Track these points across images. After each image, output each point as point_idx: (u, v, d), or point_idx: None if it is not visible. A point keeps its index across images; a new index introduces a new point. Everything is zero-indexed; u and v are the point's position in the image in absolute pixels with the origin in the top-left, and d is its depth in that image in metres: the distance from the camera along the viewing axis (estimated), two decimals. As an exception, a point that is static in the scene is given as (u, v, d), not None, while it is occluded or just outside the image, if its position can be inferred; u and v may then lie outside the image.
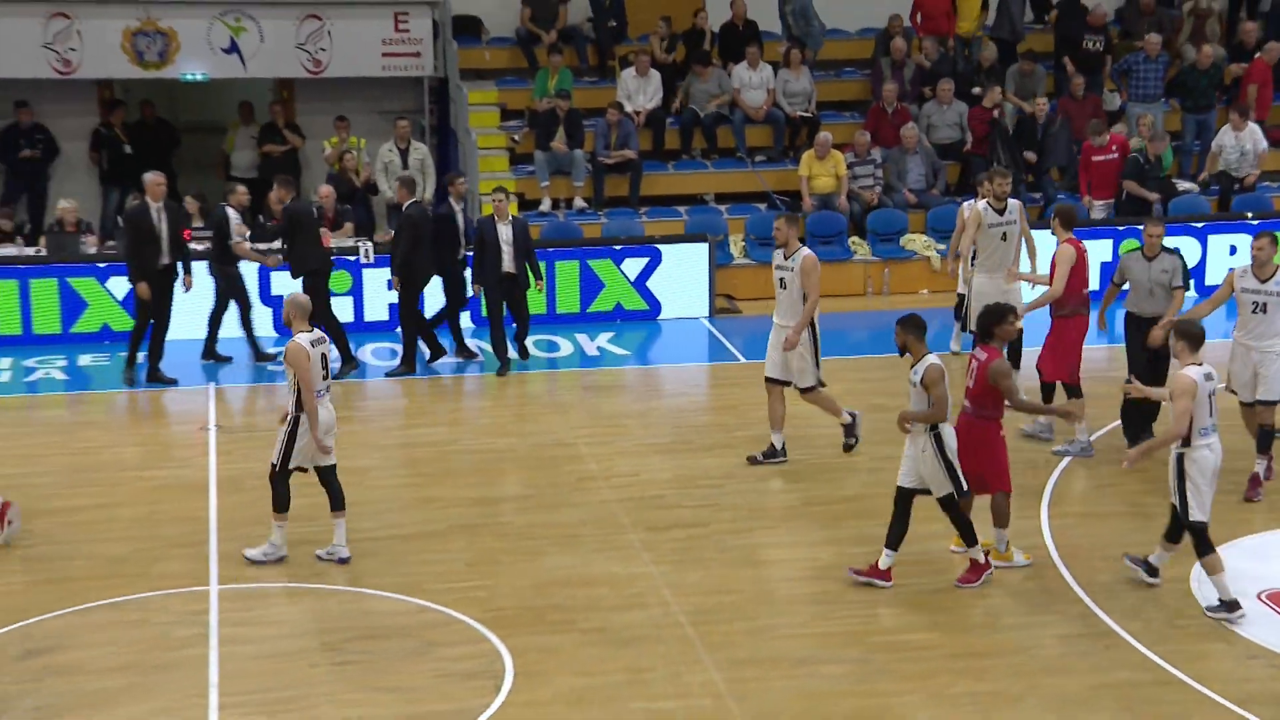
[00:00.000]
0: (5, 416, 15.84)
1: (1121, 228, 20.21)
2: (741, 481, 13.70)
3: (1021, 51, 22.61)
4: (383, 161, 20.43)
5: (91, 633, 10.84)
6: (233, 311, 17.34)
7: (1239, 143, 21.17)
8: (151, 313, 16.47)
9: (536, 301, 18.63)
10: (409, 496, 13.33)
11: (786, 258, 13.81)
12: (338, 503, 11.98)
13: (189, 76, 21.62)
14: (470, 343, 17.62)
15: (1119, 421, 13.95)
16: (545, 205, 20.87)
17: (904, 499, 11.43)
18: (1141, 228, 14.57)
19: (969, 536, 11.40)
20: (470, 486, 13.67)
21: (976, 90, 21.85)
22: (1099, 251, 19.88)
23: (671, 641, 10.67)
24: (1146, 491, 12.61)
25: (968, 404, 11.57)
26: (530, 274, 16.90)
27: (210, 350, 17.43)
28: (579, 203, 21.11)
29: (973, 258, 16.00)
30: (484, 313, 17.28)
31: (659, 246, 19.46)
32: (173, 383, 16.63)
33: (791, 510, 13.07)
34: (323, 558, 12.03)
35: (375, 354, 17.73)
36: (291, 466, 11.87)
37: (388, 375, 16.99)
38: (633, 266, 19.28)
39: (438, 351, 17.27)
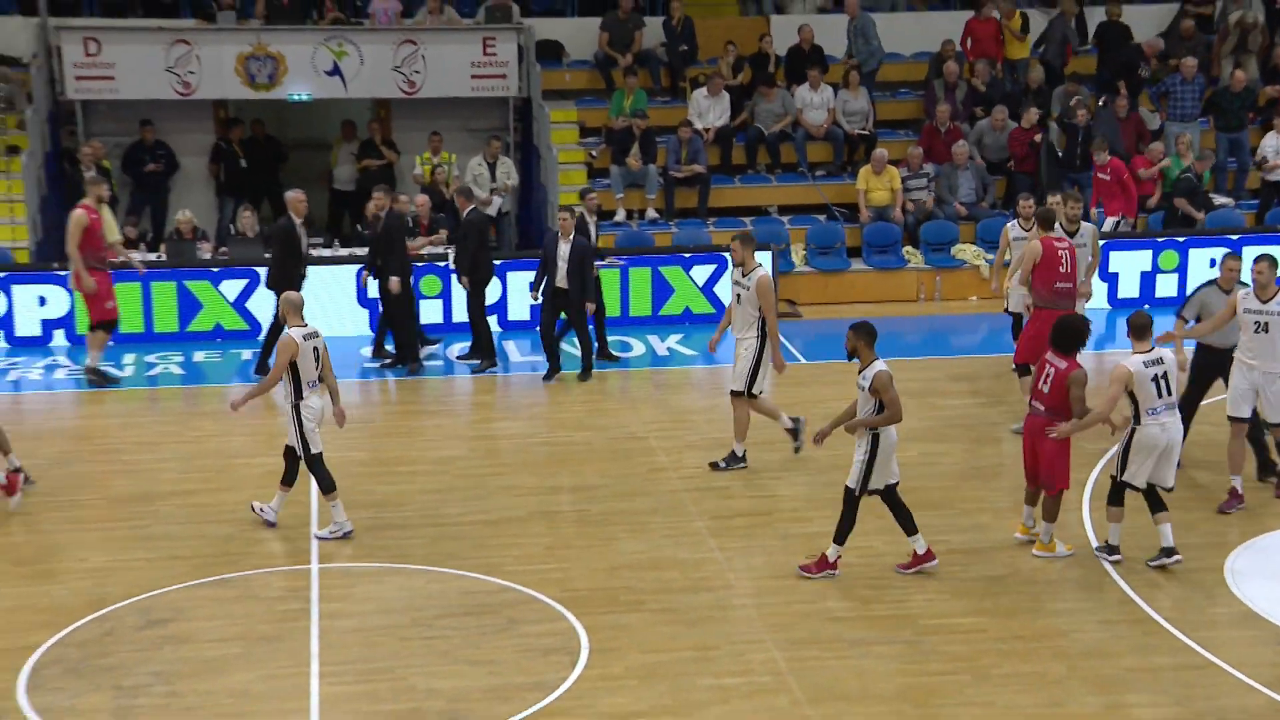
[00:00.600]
0: (128, 407, 16.07)
1: (1161, 239, 20.01)
2: (801, 474, 13.64)
3: (1067, 74, 22.37)
4: (472, 174, 20.54)
5: (204, 606, 10.97)
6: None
7: None
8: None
9: (612, 305, 18.70)
10: (492, 484, 13.37)
11: (744, 275, 13.53)
12: (288, 477, 12.27)
13: (295, 97, 21.76)
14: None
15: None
16: (620, 216, 20.87)
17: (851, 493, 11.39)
18: (1189, 247, 14.70)
19: (840, 536, 11.28)
20: (549, 476, 13.70)
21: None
22: (1139, 262, 19.75)
23: (735, 622, 10.68)
24: (1183, 487, 12.42)
25: (1041, 406, 11.48)
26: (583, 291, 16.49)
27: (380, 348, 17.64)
28: (651, 213, 21.10)
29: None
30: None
31: (725, 255, 19.39)
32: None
33: (848, 501, 12.99)
34: (327, 537, 12.16)
35: (461, 352, 17.75)
36: (315, 451, 12.04)
37: (474, 372, 17.01)
38: (701, 273, 19.25)
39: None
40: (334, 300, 18.38)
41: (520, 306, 18.53)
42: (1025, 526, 11.93)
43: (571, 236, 16.33)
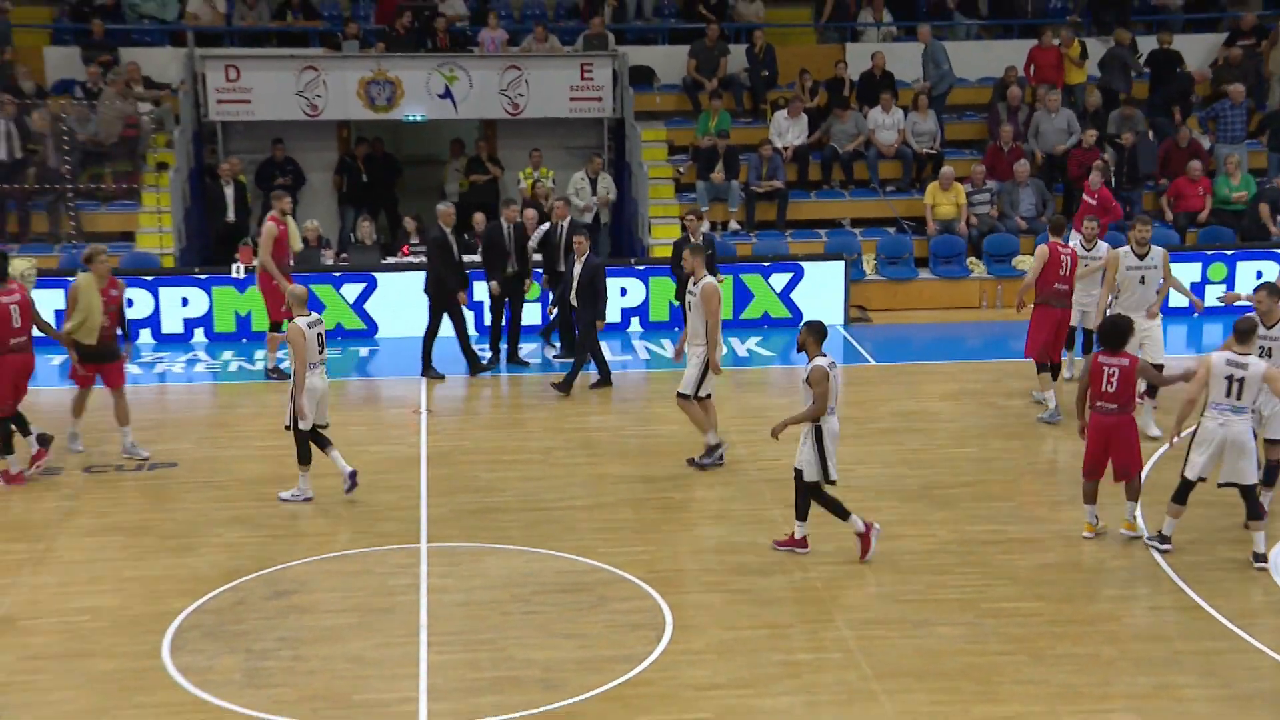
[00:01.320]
0: (259, 399, 16.22)
1: (1210, 252, 19.67)
2: (870, 466, 13.53)
3: (1123, 99, 22.04)
4: (574, 188, 20.63)
5: (325, 579, 11.08)
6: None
7: None
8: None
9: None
10: (585, 473, 13.40)
11: (694, 284, 13.35)
12: (322, 445, 12.73)
13: (410, 118, 21.96)
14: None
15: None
16: (705, 227, 20.76)
17: (798, 478, 11.35)
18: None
19: (841, 513, 11.29)
20: (637, 466, 13.69)
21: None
22: (1189, 273, 19.39)
23: (807, 603, 10.63)
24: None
25: (1112, 405, 11.33)
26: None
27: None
28: (733, 225, 21.04)
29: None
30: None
31: (801, 264, 19.33)
32: (525, 365, 17.21)
33: (913, 492, 12.89)
34: (288, 499, 12.62)
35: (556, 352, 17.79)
36: (305, 426, 12.44)
37: (592, 387, 16.44)
38: (778, 281, 19.17)
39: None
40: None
41: (611, 309, 18.49)
42: (1091, 524, 11.71)
43: (585, 257, 15.91)
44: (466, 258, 17.41)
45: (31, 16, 22.90)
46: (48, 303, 15.79)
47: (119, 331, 13.75)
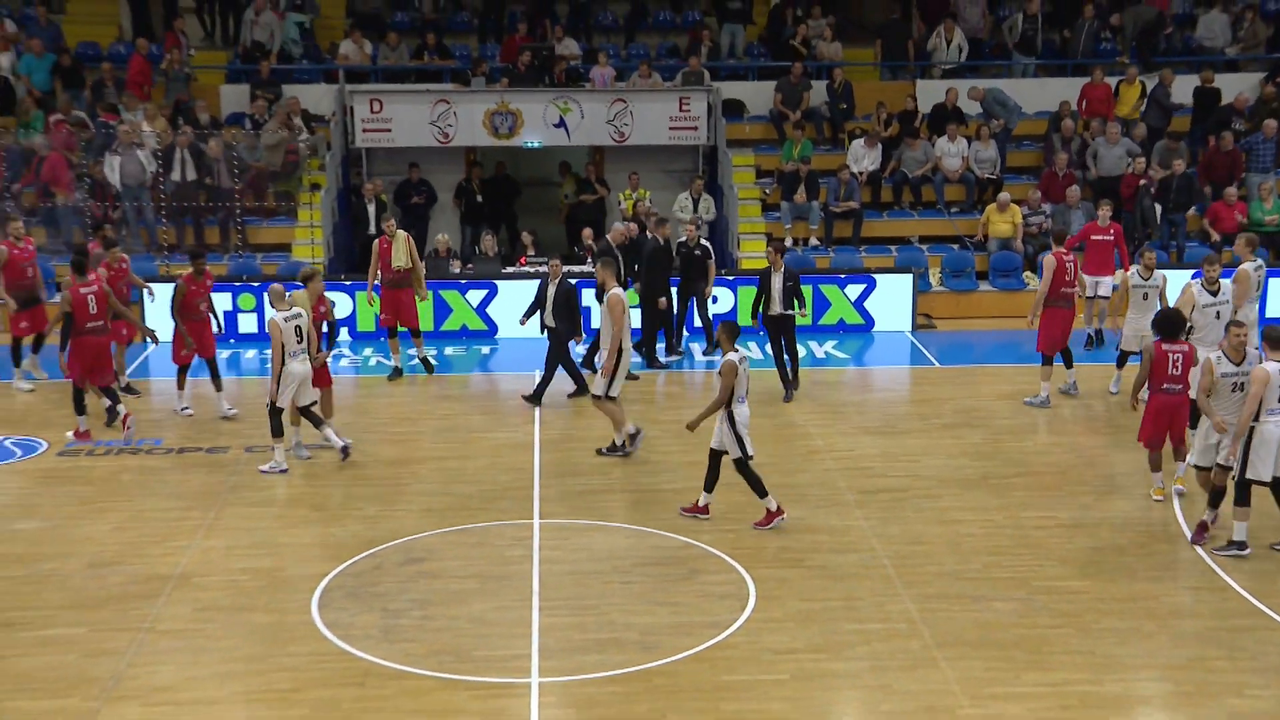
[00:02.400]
0: (393, 389, 16.37)
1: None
2: (934, 457, 13.39)
3: (1168, 131, 21.58)
4: (679, 206, 20.62)
5: (450, 549, 11.17)
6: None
7: None
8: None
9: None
10: (679, 460, 13.37)
11: (603, 294, 13.27)
12: (315, 423, 13.17)
13: (529, 144, 22.05)
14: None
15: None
16: (788, 243, 20.72)
17: (713, 456, 11.56)
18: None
19: (760, 491, 11.46)
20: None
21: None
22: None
23: (876, 578, 10.55)
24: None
25: (1175, 386, 11.57)
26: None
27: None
28: (813, 241, 20.90)
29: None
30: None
31: (874, 276, 19.14)
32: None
33: (973, 482, 12.72)
34: (266, 471, 12.92)
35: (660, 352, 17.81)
36: (281, 404, 12.86)
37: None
38: (853, 291, 18.99)
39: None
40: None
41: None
42: (1160, 489, 11.97)
43: (559, 279, 15.16)
44: (574, 268, 17.48)
45: (210, 59, 23.39)
46: (220, 304, 16.46)
47: (324, 338, 13.83)
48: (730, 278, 18.83)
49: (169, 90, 21.77)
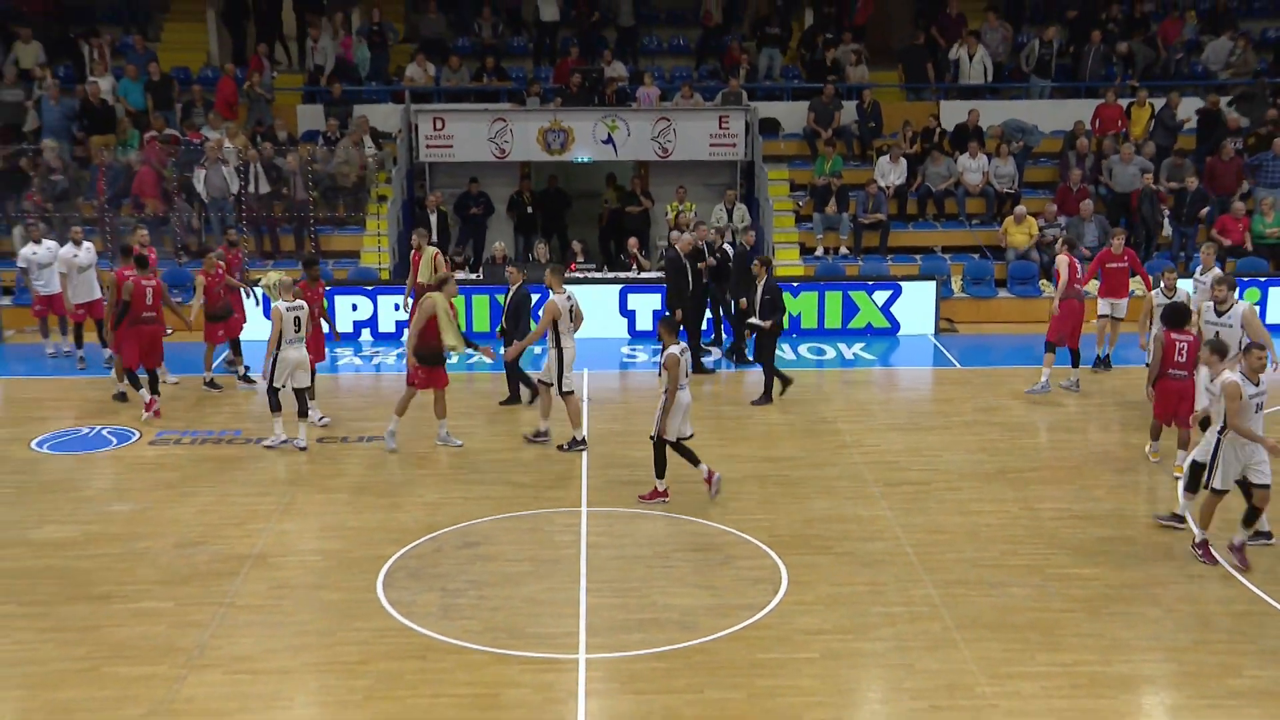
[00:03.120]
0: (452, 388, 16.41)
1: (1247, 279, 18.87)
2: (955, 452, 13.30)
3: (1175, 149, 21.32)
4: (715, 218, 20.61)
5: (505, 534, 11.20)
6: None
7: None
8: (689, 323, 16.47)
9: (810, 319, 18.57)
10: (717, 453, 13.30)
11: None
12: (301, 412, 13.45)
13: (579, 159, 22.11)
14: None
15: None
16: (819, 251, 20.68)
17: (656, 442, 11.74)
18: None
19: (660, 471, 11.75)
20: (760, 449, 13.64)
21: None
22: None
23: (900, 565, 10.49)
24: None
25: (1180, 372, 11.89)
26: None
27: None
28: (843, 250, 20.83)
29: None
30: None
31: (899, 283, 19.05)
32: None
33: (991, 475, 12.63)
34: (269, 446, 13.32)
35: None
36: (277, 385, 13.20)
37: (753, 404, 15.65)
38: (880, 296, 18.91)
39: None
40: (604, 310, 18.50)
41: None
42: (1155, 452, 12.60)
43: (518, 285, 14.69)
44: (620, 274, 17.46)
45: (289, 82, 23.60)
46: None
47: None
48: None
49: (251, 110, 22.02)
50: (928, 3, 24.88)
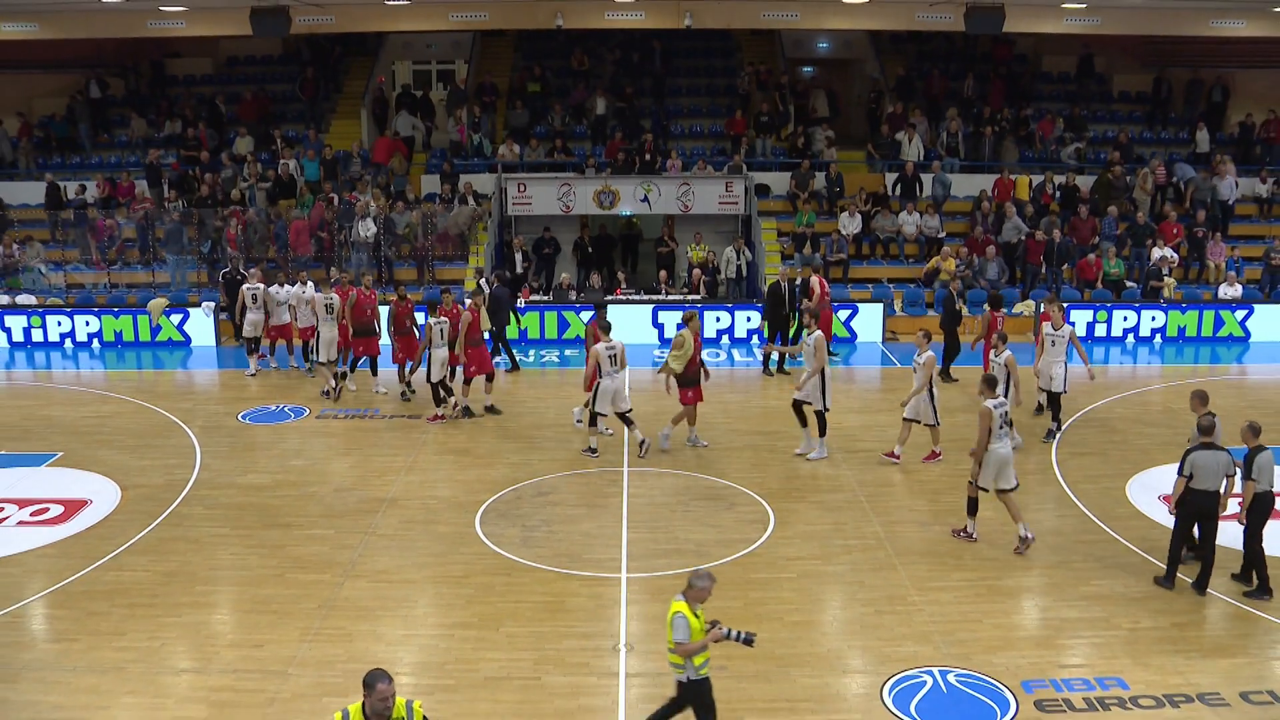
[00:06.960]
0: (526, 381, 16.22)
1: (1099, 303, 18.62)
2: (898, 428, 12.69)
3: (1049, 209, 21.01)
4: (726, 257, 20.53)
5: (566, 485, 11.21)
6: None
7: None
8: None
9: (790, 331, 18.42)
10: (723, 429, 13.27)
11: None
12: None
13: (624, 214, 22.09)
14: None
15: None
16: (798, 282, 20.50)
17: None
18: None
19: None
20: (756, 425, 13.54)
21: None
22: (1084, 319, 18.34)
23: (856, 509, 10.47)
24: None
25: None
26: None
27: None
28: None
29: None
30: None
31: (857, 304, 18.90)
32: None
33: (924, 445, 12.35)
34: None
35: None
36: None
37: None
38: (843, 314, 18.79)
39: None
40: (637, 325, 18.34)
41: (740, 327, 18.38)
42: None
43: (495, 287, 14.94)
44: (650, 296, 17.23)
45: (417, 159, 23.70)
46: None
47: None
48: (760, 304, 18.68)
49: (393, 180, 22.13)
50: (874, 103, 24.70)
